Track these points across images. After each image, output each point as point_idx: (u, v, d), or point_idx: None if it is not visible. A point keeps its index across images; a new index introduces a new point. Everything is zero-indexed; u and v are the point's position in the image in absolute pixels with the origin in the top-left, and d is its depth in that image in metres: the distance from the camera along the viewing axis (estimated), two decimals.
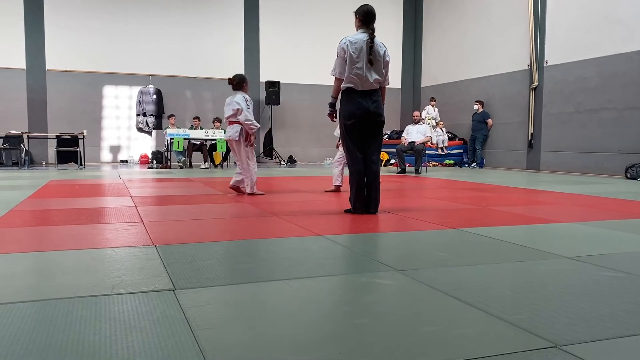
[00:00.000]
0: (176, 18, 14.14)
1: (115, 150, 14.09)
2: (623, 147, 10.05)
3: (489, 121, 13.34)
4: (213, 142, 12.39)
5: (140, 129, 14.11)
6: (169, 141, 12.10)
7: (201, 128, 12.62)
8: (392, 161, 12.87)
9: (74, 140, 11.94)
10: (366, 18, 4.50)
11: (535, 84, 12.00)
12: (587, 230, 3.86)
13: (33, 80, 13.10)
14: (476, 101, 13.53)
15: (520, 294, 2.19)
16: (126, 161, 13.84)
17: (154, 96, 13.94)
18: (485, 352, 1.58)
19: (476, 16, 13.92)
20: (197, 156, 12.74)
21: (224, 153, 12.62)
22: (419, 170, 10.45)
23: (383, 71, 4.54)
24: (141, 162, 13.69)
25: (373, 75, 4.46)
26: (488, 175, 10.41)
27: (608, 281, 2.41)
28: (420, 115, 10.68)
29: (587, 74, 10.76)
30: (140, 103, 13.91)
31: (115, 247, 3.08)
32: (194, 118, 12.92)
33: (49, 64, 13.23)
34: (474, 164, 13.48)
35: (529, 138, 12.26)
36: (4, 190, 6.59)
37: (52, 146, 12.26)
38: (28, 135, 12.02)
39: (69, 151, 11.90)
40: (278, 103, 14.29)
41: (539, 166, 12.02)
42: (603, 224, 4.11)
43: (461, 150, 14.22)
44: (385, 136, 13.68)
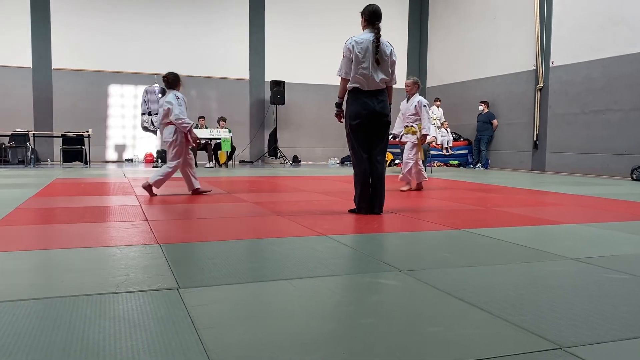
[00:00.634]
0: (182, 17, 14.17)
1: (120, 149, 14.13)
2: (629, 149, 10.00)
3: (494, 122, 13.29)
4: (218, 142, 12.41)
5: (145, 128, 14.10)
6: None
7: (206, 127, 12.64)
8: (397, 161, 12.83)
9: (80, 138, 11.98)
10: (372, 18, 4.49)
11: (540, 85, 11.96)
12: (592, 231, 3.84)
13: (39, 78, 13.15)
14: (481, 102, 13.48)
15: (524, 295, 2.18)
16: (131, 160, 13.86)
17: (159, 95, 13.96)
18: (489, 353, 1.58)
19: (482, 16, 13.88)
20: (202, 155, 12.76)
21: (229, 152, 12.64)
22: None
23: (389, 71, 4.53)
24: (146, 161, 13.71)
25: (379, 75, 4.45)
26: (493, 176, 10.37)
27: (613, 283, 2.40)
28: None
29: (593, 75, 10.71)
30: (145, 102, 13.91)
31: (119, 246, 3.09)
32: (199, 117, 12.94)
33: (55, 63, 13.27)
34: (479, 165, 13.44)
35: (534, 139, 12.22)
36: (10, 188, 6.63)
37: (58, 145, 12.30)
38: (34, 133, 12.07)
39: (75, 150, 11.94)
40: (283, 103, 14.30)
41: (544, 167, 11.98)
42: (608, 226, 4.09)
43: (466, 150, 14.18)
44: (390, 136, 13.53)
